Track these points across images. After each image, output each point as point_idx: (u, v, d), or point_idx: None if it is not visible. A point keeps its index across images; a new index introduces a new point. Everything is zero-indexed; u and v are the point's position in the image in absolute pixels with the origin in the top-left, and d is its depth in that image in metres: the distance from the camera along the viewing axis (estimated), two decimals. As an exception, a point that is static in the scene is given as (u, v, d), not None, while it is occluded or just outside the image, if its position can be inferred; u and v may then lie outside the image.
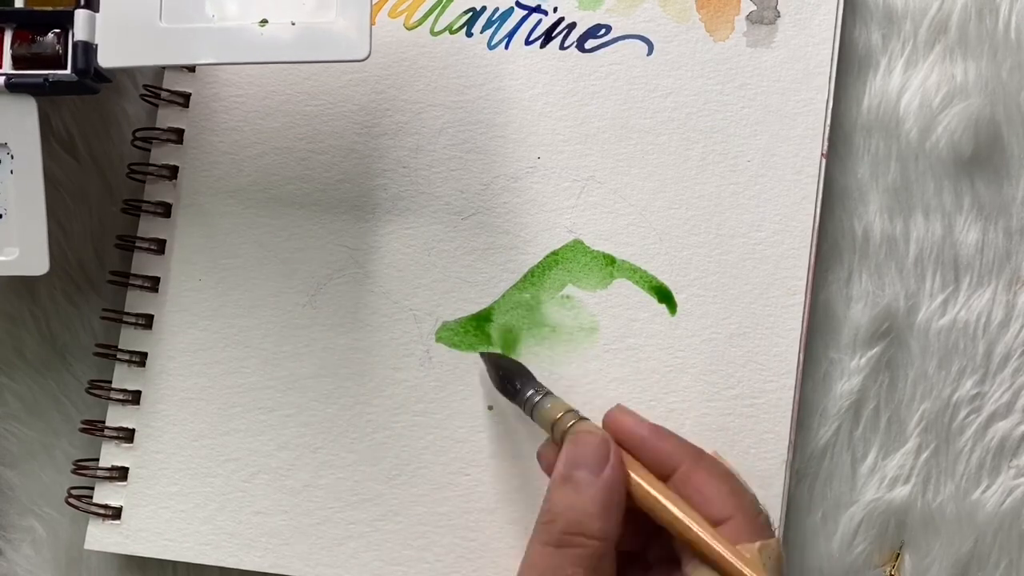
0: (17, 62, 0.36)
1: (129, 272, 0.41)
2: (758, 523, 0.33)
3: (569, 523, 0.33)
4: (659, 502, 0.33)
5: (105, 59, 0.36)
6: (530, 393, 0.37)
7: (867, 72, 0.42)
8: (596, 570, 0.32)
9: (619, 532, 0.33)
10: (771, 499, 0.39)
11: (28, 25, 0.36)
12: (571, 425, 0.35)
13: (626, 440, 0.35)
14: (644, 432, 0.35)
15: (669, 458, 0.35)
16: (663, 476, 0.34)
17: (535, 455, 0.37)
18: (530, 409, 0.37)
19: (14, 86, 0.36)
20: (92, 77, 0.36)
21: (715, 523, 0.33)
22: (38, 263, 0.37)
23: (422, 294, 0.41)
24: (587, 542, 0.32)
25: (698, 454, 0.35)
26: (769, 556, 0.32)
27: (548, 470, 0.36)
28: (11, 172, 0.36)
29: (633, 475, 0.34)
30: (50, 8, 0.36)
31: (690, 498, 0.33)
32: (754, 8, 0.41)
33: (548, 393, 0.37)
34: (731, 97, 0.41)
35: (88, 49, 0.36)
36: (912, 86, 0.41)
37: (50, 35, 0.36)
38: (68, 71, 0.36)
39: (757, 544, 0.32)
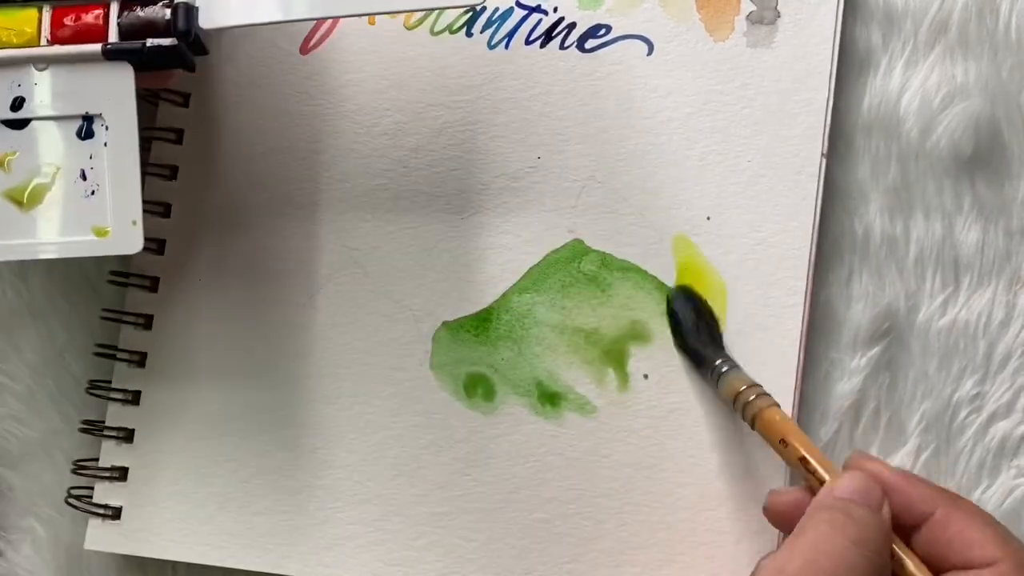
0: (124, 35, 0.35)
1: (129, 272, 0.41)
2: None
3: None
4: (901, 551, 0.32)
5: (206, 20, 0.34)
6: (718, 363, 0.38)
7: (867, 72, 0.42)
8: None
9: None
10: (771, 499, 0.39)
11: None
12: (758, 401, 0.36)
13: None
14: (895, 477, 0.33)
15: (923, 502, 0.33)
16: (916, 522, 0.33)
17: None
18: (714, 377, 0.38)
19: (111, 52, 0.34)
20: (191, 45, 0.35)
21: (979, 566, 0.31)
22: (132, 241, 0.34)
23: (422, 294, 0.41)
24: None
25: (955, 498, 0.33)
26: None
27: (779, 519, 0.35)
28: (105, 144, 0.34)
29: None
30: None
31: (950, 541, 0.32)
32: (754, 8, 0.41)
33: (733, 365, 0.38)
34: (731, 97, 0.41)
35: (189, 11, 0.34)
36: (912, 86, 0.41)
37: (159, 5, 0.35)
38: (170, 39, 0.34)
39: None
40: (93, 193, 0.35)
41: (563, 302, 0.40)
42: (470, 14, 0.41)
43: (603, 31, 0.41)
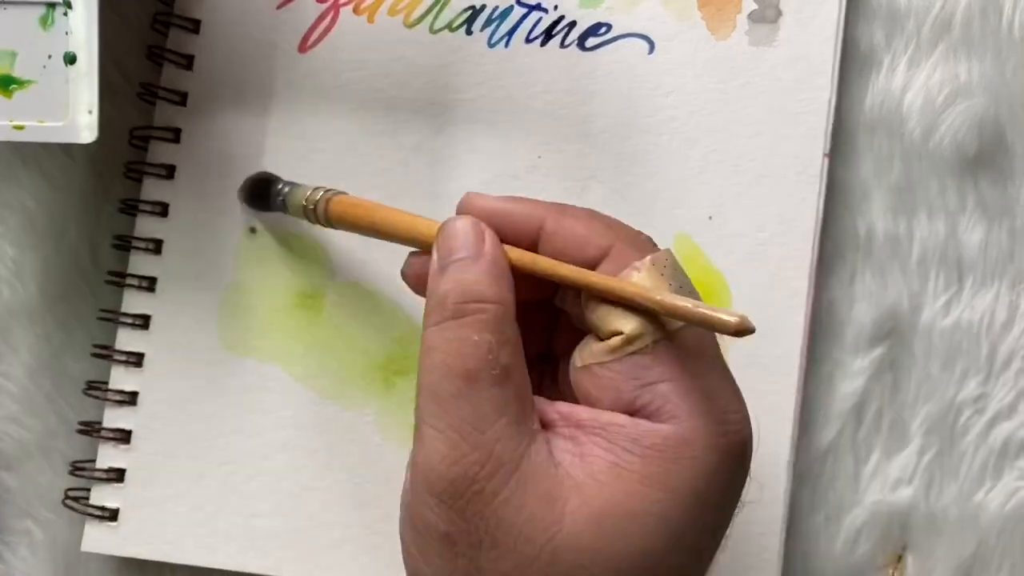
0: None
1: (126, 272, 0.41)
2: (640, 242, 0.32)
3: (462, 294, 0.30)
4: (536, 260, 0.31)
5: None
6: (279, 186, 0.39)
7: (870, 71, 0.41)
8: (502, 333, 0.30)
9: (514, 302, 0.31)
10: (773, 501, 0.39)
11: None
12: (326, 194, 0.37)
13: (484, 219, 0.33)
14: (498, 204, 0.33)
15: (530, 219, 0.32)
16: (531, 240, 0.32)
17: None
18: (281, 202, 0.39)
19: None
20: None
21: (597, 257, 0.31)
22: (86, 130, 0.35)
23: (422, 294, 0.40)
24: (486, 307, 0.30)
25: (560, 207, 0.33)
26: (664, 264, 0.31)
27: (418, 283, 0.33)
28: (67, 34, 0.35)
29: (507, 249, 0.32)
30: None
31: (565, 246, 0.32)
32: (756, 7, 0.41)
33: (294, 184, 0.39)
34: (733, 96, 0.40)
35: None
36: (915, 85, 0.41)
37: None
38: None
39: (648, 258, 0.31)
40: (50, 81, 0.36)
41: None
42: (470, 11, 0.41)
43: (604, 29, 0.41)
